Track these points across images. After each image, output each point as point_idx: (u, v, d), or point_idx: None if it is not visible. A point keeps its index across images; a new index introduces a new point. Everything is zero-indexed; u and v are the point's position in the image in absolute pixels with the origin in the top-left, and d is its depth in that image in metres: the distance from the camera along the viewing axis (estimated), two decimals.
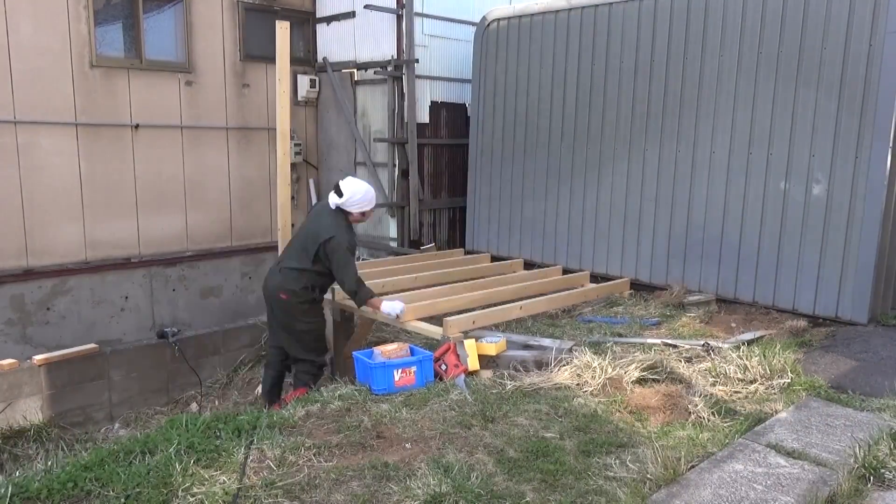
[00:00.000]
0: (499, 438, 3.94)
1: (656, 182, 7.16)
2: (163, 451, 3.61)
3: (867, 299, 5.91)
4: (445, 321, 5.62)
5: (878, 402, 4.43)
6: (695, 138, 6.84)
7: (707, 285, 6.85)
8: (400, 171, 9.06)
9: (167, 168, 8.74)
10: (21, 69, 7.51)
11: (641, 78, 7.16)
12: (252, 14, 9.31)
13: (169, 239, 8.85)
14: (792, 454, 3.67)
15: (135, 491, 3.29)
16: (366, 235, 9.61)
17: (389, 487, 3.38)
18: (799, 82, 6.12)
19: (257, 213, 9.63)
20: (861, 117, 5.80)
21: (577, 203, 7.83)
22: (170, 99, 8.68)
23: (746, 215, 6.54)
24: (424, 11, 8.96)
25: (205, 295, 9.24)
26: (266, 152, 9.54)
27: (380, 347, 5.02)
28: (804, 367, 5.01)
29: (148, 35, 8.45)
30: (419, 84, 9.00)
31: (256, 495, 3.29)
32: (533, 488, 3.43)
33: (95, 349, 7.77)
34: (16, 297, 7.74)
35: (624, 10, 7.23)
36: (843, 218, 5.96)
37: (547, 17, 7.91)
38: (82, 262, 8.18)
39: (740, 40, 6.43)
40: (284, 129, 7.42)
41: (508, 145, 8.45)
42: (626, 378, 4.67)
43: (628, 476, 3.52)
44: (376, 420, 4.14)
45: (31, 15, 7.54)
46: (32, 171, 7.72)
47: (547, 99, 8.00)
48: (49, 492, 3.30)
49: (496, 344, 5.29)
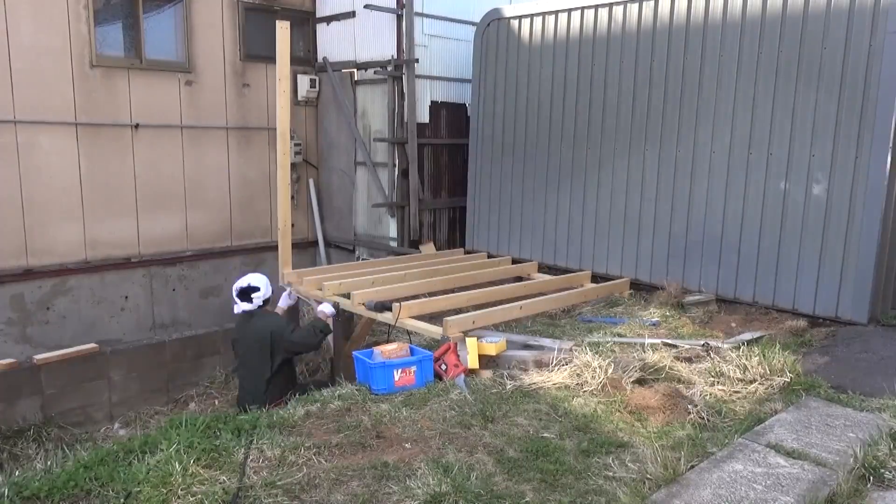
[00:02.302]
0: (499, 438, 3.94)
1: (656, 182, 7.16)
2: (163, 450, 3.61)
3: (867, 299, 5.90)
4: (445, 321, 5.63)
5: (877, 402, 4.43)
6: (695, 138, 6.84)
7: (707, 285, 6.85)
8: (400, 171, 9.06)
9: (167, 168, 8.74)
10: (21, 69, 7.51)
11: (641, 78, 7.16)
12: (252, 14, 9.31)
13: (169, 239, 8.85)
14: (792, 454, 3.67)
15: (135, 490, 3.29)
16: (366, 235, 9.61)
17: (389, 487, 3.38)
18: (799, 82, 6.12)
19: (257, 212, 9.63)
20: (861, 117, 5.80)
21: (577, 203, 7.83)
22: (170, 99, 8.68)
23: (746, 215, 6.54)
24: (424, 11, 8.96)
25: (205, 295, 9.24)
26: (266, 152, 9.54)
27: (380, 347, 5.03)
28: (804, 367, 5.01)
29: (148, 35, 8.45)
30: (419, 84, 9.01)
31: (256, 495, 3.29)
32: (533, 488, 3.43)
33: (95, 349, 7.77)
34: (16, 296, 7.74)
35: (624, 10, 7.23)
36: (843, 218, 5.96)
37: (547, 17, 7.91)
38: (82, 262, 8.18)
39: (740, 40, 6.43)
40: (284, 128, 7.43)
41: (508, 145, 8.45)
42: (625, 378, 4.67)
43: (628, 476, 3.52)
44: (376, 420, 4.14)
45: (32, 15, 7.54)
46: (32, 170, 7.72)
47: (547, 99, 8.00)
48: (49, 491, 3.31)
49: (496, 344, 5.28)
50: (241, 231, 9.51)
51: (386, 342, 5.53)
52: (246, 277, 5.86)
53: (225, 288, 9.41)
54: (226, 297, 9.40)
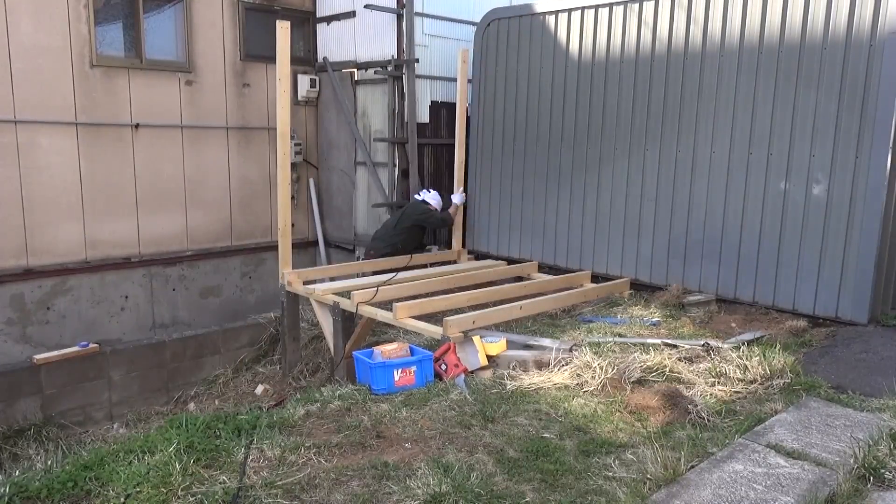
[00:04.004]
0: (499, 438, 3.94)
1: (656, 182, 7.16)
2: (162, 450, 3.61)
3: (867, 299, 5.90)
4: (445, 321, 5.63)
5: (877, 402, 4.43)
6: (695, 138, 6.84)
7: (707, 285, 6.85)
8: (400, 171, 9.06)
9: (167, 168, 8.74)
10: (21, 68, 7.51)
11: (641, 78, 7.16)
12: (252, 14, 9.31)
13: (169, 238, 8.85)
14: (792, 454, 3.67)
15: (135, 490, 3.29)
16: (366, 235, 9.61)
17: (389, 487, 3.38)
18: (799, 82, 6.12)
19: (257, 212, 9.63)
20: (861, 117, 5.80)
21: (577, 203, 7.83)
22: (170, 98, 8.68)
23: (746, 215, 6.53)
24: (425, 11, 8.96)
25: (205, 294, 9.24)
26: (266, 152, 9.54)
27: (380, 347, 5.03)
28: (804, 367, 5.01)
29: (148, 34, 8.45)
30: (419, 84, 9.00)
31: (256, 495, 3.29)
32: (533, 488, 3.43)
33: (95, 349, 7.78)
34: (16, 296, 7.74)
35: (625, 10, 7.22)
36: (843, 218, 5.96)
37: (547, 17, 7.91)
38: (82, 262, 8.18)
39: (741, 40, 6.43)
40: (284, 128, 7.43)
41: (509, 145, 8.45)
42: (625, 378, 4.67)
43: (628, 476, 3.52)
44: (376, 420, 4.14)
45: (32, 14, 7.54)
46: (32, 170, 7.72)
47: (547, 99, 8.00)
48: (49, 491, 3.31)
49: (496, 344, 5.29)
50: (241, 231, 9.51)
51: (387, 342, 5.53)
52: (428, 194, 8.55)
53: (225, 288, 9.42)
54: (226, 296, 9.42)
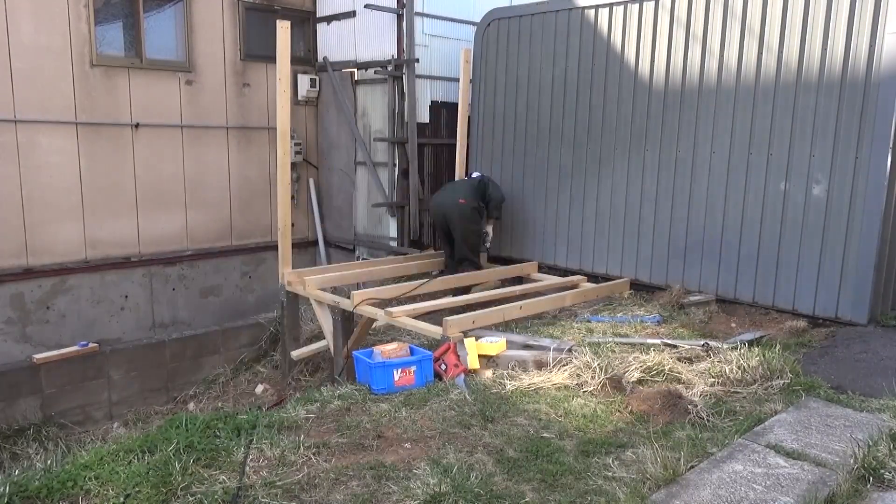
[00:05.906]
0: (498, 438, 3.94)
1: (656, 182, 7.16)
2: (162, 450, 3.61)
3: (867, 300, 5.90)
4: (445, 321, 5.63)
5: (877, 402, 4.43)
6: (695, 138, 6.84)
7: (707, 286, 6.85)
8: (400, 171, 9.06)
9: (167, 167, 8.74)
10: (21, 68, 7.50)
11: (642, 78, 7.16)
12: (252, 13, 9.31)
13: (169, 238, 8.85)
14: (791, 454, 3.67)
15: (134, 490, 3.29)
16: (366, 235, 9.62)
17: (389, 487, 3.38)
18: (799, 83, 6.12)
19: (257, 212, 9.63)
20: (861, 118, 5.80)
21: (578, 203, 7.83)
22: (170, 98, 8.67)
23: (746, 216, 6.53)
24: (425, 11, 8.96)
25: (204, 294, 9.24)
26: (266, 152, 9.54)
27: (380, 347, 5.02)
28: (804, 367, 5.01)
29: (148, 34, 8.44)
30: (419, 84, 9.00)
31: (256, 495, 3.29)
32: (532, 488, 3.43)
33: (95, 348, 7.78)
34: (16, 295, 7.74)
35: (625, 10, 7.22)
36: (843, 218, 5.96)
37: (547, 17, 7.90)
38: (82, 262, 8.18)
39: (741, 40, 6.43)
40: (284, 128, 7.43)
41: (508, 145, 8.45)
42: (625, 378, 4.67)
43: (628, 476, 3.52)
44: (376, 420, 4.14)
45: (32, 14, 7.53)
46: (32, 170, 7.72)
47: (547, 99, 7.99)
48: (49, 491, 3.31)
49: (496, 344, 5.28)
50: (241, 230, 9.51)
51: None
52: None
53: (225, 287, 9.42)
54: (226, 296, 9.41)
